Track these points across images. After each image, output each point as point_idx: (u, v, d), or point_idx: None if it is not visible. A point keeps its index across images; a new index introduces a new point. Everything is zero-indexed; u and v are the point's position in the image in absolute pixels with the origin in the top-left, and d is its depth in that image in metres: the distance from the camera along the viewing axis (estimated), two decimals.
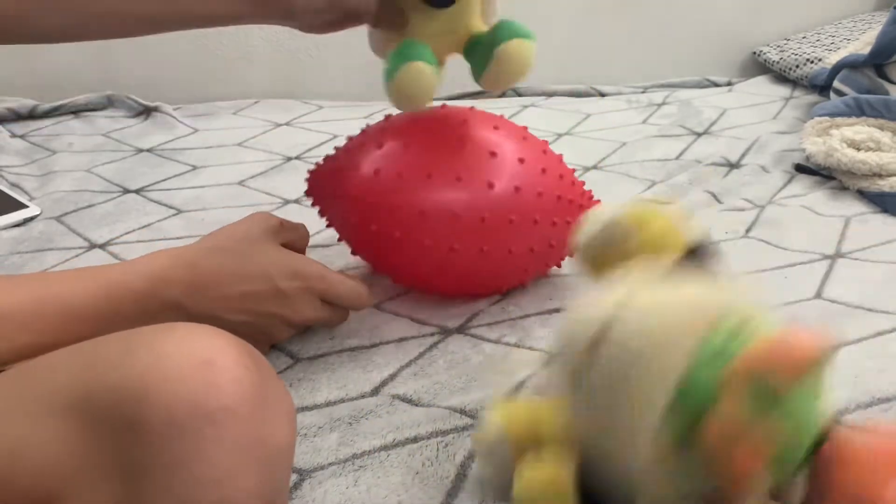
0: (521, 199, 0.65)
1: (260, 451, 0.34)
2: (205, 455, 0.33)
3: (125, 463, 0.33)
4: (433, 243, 0.64)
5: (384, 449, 0.52)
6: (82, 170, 1.04)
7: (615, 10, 1.56)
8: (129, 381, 0.33)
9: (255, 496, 0.34)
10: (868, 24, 1.58)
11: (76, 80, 1.34)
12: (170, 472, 0.32)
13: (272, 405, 0.36)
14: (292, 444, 0.38)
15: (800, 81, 1.41)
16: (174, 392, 0.33)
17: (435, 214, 0.63)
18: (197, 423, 0.33)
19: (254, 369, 0.36)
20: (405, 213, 0.64)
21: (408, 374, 0.61)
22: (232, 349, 0.36)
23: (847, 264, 0.77)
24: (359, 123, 0.76)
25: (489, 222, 0.64)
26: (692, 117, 1.25)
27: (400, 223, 0.64)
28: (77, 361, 0.37)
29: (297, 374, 0.61)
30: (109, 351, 0.36)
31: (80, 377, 0.35)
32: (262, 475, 0.35)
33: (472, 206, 0.63)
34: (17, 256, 0.80)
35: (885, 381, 0.57)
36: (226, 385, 0.34)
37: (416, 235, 0.64)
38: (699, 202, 0.92)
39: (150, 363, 0.34)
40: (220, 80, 1.41)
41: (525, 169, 0.66)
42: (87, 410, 0.34)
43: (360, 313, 0.69)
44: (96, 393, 0.34)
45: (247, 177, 1.01)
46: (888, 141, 0.97)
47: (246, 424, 0.34)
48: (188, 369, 0.34)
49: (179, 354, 0.34)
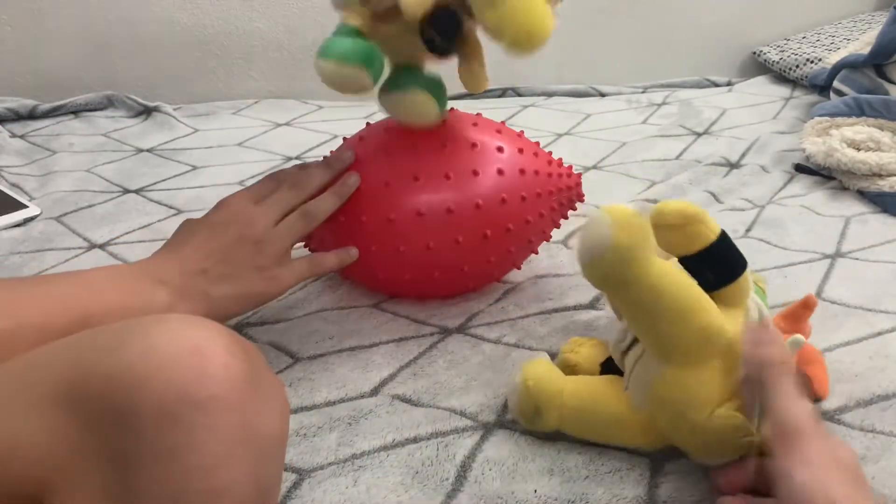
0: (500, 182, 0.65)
1: (251, 440, 0.34)
2: (195, 444, 0.33)
3: (116, 452, 0.33)
4: (407, 248, 0.64)
5: (384, 449, 0.52)
6: (82, 170, 1.04)
7: (615, 10, 1.56)
8: (120, 371, 0.34)
9: (246, 485, 0.34)
10: (868, 24, 1.58)
11: (76, 80, 1.34)
12: (161, 461, 0.33)
13: (263, 394, 0.36)
14: (285, 433, 0.38)
15: (800, 81, 1.41)
16: (164, 381, 0.33)
17: (400, 219, 0.64)
18: (187, 411, 0.33)
19: (244, 358, 0.36)
20: (374, 226, 0.65)
21: (407, 374, 0.61)
22: (222, 339, 0.36)
23: (847, 264, 0.77)
24: (358, 123, 0.76)
25: (460, 212, 0.64)
26: (692, 117, 1.25)
27: (373, 237, 0.65)
28: (68, 353, 0.37)
29: (296, 373, 0.61)
30: (100, 342, 0.36)
31: (71, 368, 0.35)
32: (253, 464, 0.34)
33: (434, 203, 0.64)
34: (17, 256, 0.80)
35: (886, 380, 0.57)
36: (216, 374, 0.34)
37: (389, 244, 0.65)
38: (699, 202, 0.92)
39: (141, 353, 0.34)
40: (220, 80, 1.41)
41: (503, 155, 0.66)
42: (79, 401, 0.34)
43: (360, 313, 0.69)
44: (87, 383, 0.34)
45: (247, 177, 1.01)
46: (888, 141, 0.97)
47: (236, 413, 0.34)
48: (178, 358, 0.34)
49: (169, 344, 0.34)
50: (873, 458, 0.50)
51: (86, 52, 1.34)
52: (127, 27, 1.34)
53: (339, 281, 0.75)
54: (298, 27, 1.40)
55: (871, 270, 0.76)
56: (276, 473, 0.38)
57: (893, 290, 0.71)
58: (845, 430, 0.53)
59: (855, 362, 0.60)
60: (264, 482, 0.36)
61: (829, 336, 0.64)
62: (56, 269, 0.78)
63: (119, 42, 1.35)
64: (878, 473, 0.49)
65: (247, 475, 0.34)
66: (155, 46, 1.37)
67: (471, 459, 0.51)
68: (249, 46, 1.40)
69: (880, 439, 0.52)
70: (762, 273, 0.75)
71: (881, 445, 0.51)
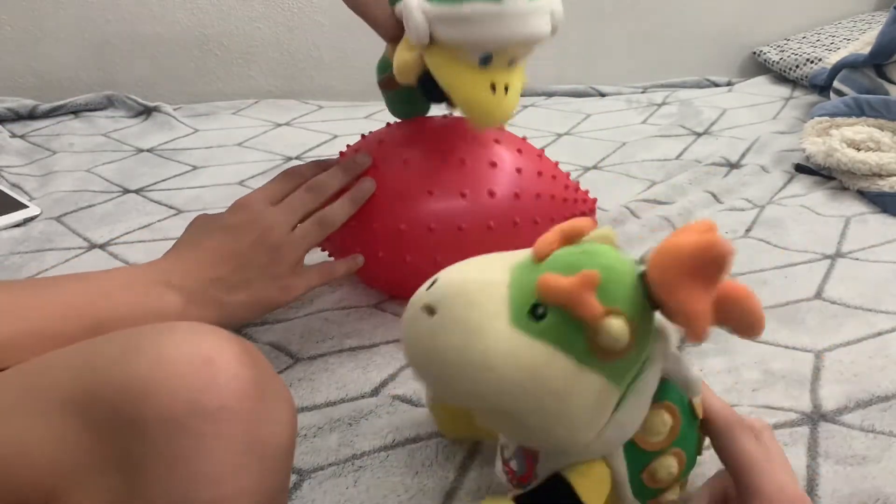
0: (513, 204, 0.65)
1: (259, 450, 0.35)
2: (204, 453, 0.33)
3: (125, 461, 0.33)
4: (412, 259, 0.64)
5: (384, 449, 0.52)
6: (82, 170, 1.04)
7: (615, 11, 1.56)
8: (130, 380, 0.34)
9: (253, 494, 0.34)
10: (868, 24, 1.58)
11: (76, 80, 1.34)
12: (169, 470, 0.33)
13: (272, 404, 0.36)
14: (292, 443, 0.38)
15: (800, 81, 1.41)
16: (174, 390, 0.33)
17: (411, 231, 0.64)
18: (196, 421, 0.33)
19: (253, 368, 0.36)
20: (384, 234, 0.65)
21: (407, 374, 0.61)
22: (232, 348, 0.36)
23: (847, 264, 0.77)
24: (358, 123, 0.76)
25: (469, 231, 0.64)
26: (692, 117, 1.25)
27: (381, 244, 0.65)
28: (77, 360, 0.37)
29: (296, 374, 0.61)
30: (110, 349, 0.36)
31: (80, 375, 0.35)
32: (261, 474, 0.35)
33: (447, 217, 0.64)
34: (17, 256, 0.80)
35: (886, 380, 0.57)
36: (225, 383, 0.34)
37: (397, 253, 0.65)
38: (699, 202, 0.92)
39: (151, 362, 0.34)
40: (220, 80, 1.41)
41: (519, 176, 0.66)
42: (88, 408, 0.34)
43: (360, 313, 0.69)
44: (97, 391, 0.34)
45: (247, 177, 1.01)
46: (888, 141, 0.97)
47: (245, 423, 0.34)
48: (188, 368, 0.34)
49: (180, 353, 0.34)
50: (874, 459, 0.50)
51: (86, 52, 1.34)
52: (127, 27, 1.34)
53: (339, 281, 0.75)
54: (298, 27, 1.40)
55: (871, 270, 0.76)
56: (284, 483, 0.38)
57: (894, 290, 0.71)
58: (845, 430, 0.53)
59: (855, 362, 0.60)
60: (271, 492, 0.36)
61: (829, 336, 0.64)
62: (56, 269, 0.78)
63: (119, 42, 1.35)
64: (879, 474, 0.49)
65: (254, 484, 0.34)
66: (155, 46, 1.37)
67: (470, 460, 0.51)
68: (249, 46, 1.40)
69: (881, 439, 0.52)
70: (762, 273, 0.75)
71: (881, 446, 0.51)
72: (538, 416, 0.37)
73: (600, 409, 0.38)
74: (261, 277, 0.59)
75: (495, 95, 0.59)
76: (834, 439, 0.52)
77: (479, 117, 0.60)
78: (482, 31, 0.56)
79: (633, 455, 0.41)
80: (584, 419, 0.38)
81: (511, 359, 0.36)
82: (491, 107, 0.59)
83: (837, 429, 0.53)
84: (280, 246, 0.60)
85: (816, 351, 0.62)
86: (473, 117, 0.60)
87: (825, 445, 0.52)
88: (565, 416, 0.37)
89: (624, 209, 0.89)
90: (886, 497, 0.47)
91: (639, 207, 0.90)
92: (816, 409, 0.55)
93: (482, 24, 0.56)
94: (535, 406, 0.37)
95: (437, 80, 0.59)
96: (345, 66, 1.43)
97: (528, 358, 0.36)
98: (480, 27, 0.56)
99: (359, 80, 1.42)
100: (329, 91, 1.44)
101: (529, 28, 0.57)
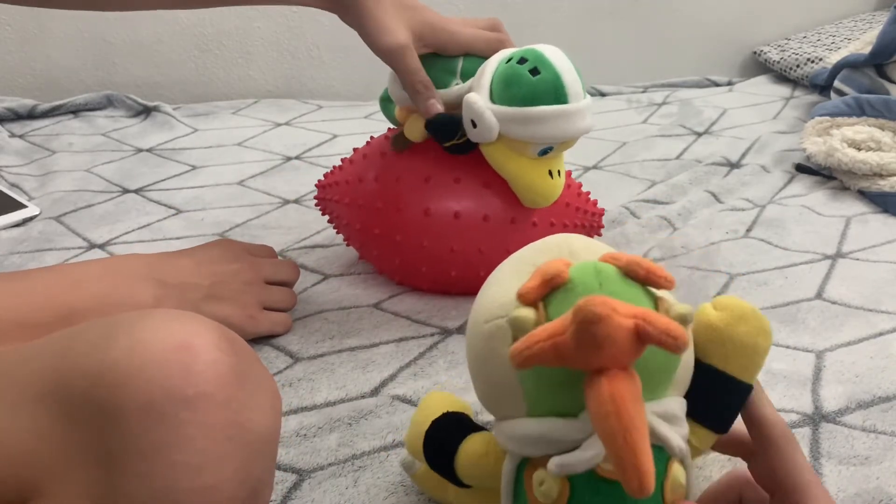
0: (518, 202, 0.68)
1: (241, 437, 0.34)
2: (184, 441, 0.32)
3: (103, 450, 0.32)
4: (432, 244, 0.67)
5: (384, 449, 0.52)
6: (82, 170, 1.03)
7: (615, 10, 1.56)
8: (106, 368, 0.33)
9: (235, 482, 0.33)
10: (868, 24, 1.58)
11: (76, 80, 1.34)
12: (148, 459, 0.32)
13: (252, 389, 0.35)
14: (276, 429, 0.37)
15: (800, 81, 1.41)
16: (151, 377, 0.32)
17: (436, 216, 0.67)
18: (174, 408, 0.32)
19: (232, 353, 0.35)
20: (405, 217, 0.67)
21: (407, 374, 0.61)
22: (210, 333, 0.35)
23: (848, 264, 0.77)
24: (358, 123, 0.76)
25: (491, 222, 0.67)
26: (692, 117, 1.25)
27: (400, 227, 0.67)
28: (52, 349, 0.36)
29: (296, 374, 0.61)
30: (85, 338, 0.35)
31: (55, 365, 0.35)
32: (243, 461, 0.34)
33: (472, 208, 0.67)
34: (16, 256, 0.80)
35: (886, 380, 0.57)
36: (203, 369, 0.33)
37: (416, 237, 0.67)
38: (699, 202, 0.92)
39: (127, 349, 0.33)
40: (220, 80, 1.41)
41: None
42: (64, 398, 0.33)
43: (360, 313, 0.69)
44: (72, 380, 0.33)
45: (246, 177, 1.01)
46: (889, 141, 0.96)
47: (225, 409, 0.33)
48: (165, 354, 0.33)
49: (156, 339, 0.33)
50: (876, 460, 0.50)
51: (86, 52, 1.34)
52: (127, 27, 1.34)
53: (339, 281, 0.75)
54: (298, 27, 1.40)
55: (871, 270, 0.75)
56: (268, 470, 0.37)
57: (894, 290, 0.71)
58: (847, 430, 0.53)
59: (856, 363, 0.60)
60: (255, 479, 0.35)
61: (830, 336, 0.64)
62: None
63: (119, 42, 1.35)
64: (881, 474, 0.49)
65: (236, 472, 0.33)
66: (155, 46, 1.36)
67: None
68: (249, 46, 1.40)
69: (882, 440, 0.52)
70: (762, 273, 0.75)
71: (883, 446, 0.51)
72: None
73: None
74: (233, 301, 0.63)
75: (553, 180, 0.66)
76: (836, 440, 0.52)
77: (541, 201, 0.66)
78: (550, 129, 0.62)
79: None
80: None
81: None
82: (552, 191, 0.66)
83: (839, 429, 0.53)
84: (253, 283, 0.65)
85: (817, 351, 0.62)
86: (535, 202, 0.66)
87: (827, 446, 0.52)
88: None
89: (623, 209, 0.89)
90: (891, 497, 0.47)
91: (639, 207, 0.90)
92: (818, 409, 0.55)
93: (550, 123, 0.61)
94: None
95: (497, 169, 0.65)
96: (345, 66, 1.43)
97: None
98: (548, 125, 0.61)
99: (359, 80, 1.42)
100: (329, 91, 1.44)
101: (586, 123, 0.63)
